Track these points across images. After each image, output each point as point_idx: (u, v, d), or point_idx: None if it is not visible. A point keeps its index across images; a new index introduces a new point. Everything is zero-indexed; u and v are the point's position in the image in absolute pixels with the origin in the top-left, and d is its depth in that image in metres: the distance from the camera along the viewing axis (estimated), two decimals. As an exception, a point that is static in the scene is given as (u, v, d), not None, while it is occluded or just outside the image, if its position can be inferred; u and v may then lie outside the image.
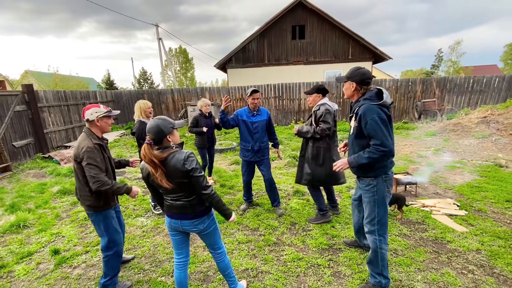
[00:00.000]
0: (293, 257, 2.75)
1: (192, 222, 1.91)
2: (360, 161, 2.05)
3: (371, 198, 2.16)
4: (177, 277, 2.09)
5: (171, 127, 1.81)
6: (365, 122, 1.99)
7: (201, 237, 2.03)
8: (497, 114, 8.44)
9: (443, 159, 6.04)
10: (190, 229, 1.95)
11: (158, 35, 19.79)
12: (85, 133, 2.19)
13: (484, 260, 2.61)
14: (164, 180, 1.73)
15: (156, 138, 1.75)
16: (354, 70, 2.14)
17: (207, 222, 1.96)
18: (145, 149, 1.71)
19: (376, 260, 2.20)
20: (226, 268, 2.13)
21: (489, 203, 3.80)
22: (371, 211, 2.18)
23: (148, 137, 1.75)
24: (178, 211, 1.89)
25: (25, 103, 7.19)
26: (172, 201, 1.89)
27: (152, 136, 1.74)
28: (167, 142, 1.80)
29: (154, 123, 1.76)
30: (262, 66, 15.28)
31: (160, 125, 1.76)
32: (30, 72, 27.47)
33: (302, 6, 14.34)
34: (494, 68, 37.61)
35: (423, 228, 3.21)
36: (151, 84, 34.14)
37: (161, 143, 1.78)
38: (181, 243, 2.06)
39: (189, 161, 1.75)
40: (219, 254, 2.09)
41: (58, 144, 8.50)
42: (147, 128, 1.77)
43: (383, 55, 14.37)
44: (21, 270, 2.74)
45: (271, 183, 3.68)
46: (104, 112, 2.21)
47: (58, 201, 4.57)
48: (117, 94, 12.53)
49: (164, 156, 1.73)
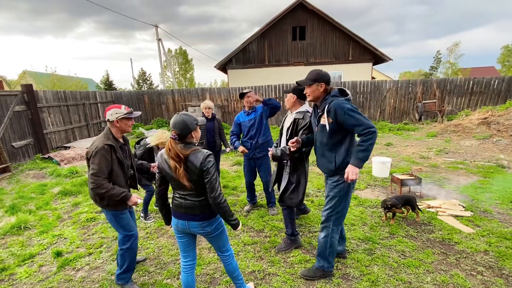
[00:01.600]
0: (300, 259, 2.72)
1: (200, 224, 1.87)
2: (364, 157, 2.03)
3: (338, 193, 2.27)
4: (184, 280, 2.04)
5: (196, 123, 1.82)
6: (343, 115, 2.04)
7: (209, 240, 2.00)
8: (497, 115, 8.47)
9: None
10: (198, 231, 1.91)
11: (158, 36, 19.75)
12: (104, 132, 2.23)
13: (493, 261, 2.59)
14: (185, 176, 1.73)
15: (182, 133, 1.75)
16: (318, 72, 2.22)
17: (215, 224, 1.92)
18: (171, 144, 1.72)
19: (326, 246, 2.37)
20: (234, 271, 2.09)
21: (494, 204, 3.79)
22: (335, 204, 2.29)
23: (173, 132, 1.75)
24: (186, 211, 1.85)
25: (25, 103, 7.13)
26: (181, 199, 1.86)
27: (177, 131, 1.74)
28: (191, 138, 1.82)
29: (180, 119, 1.76)
30: (263, 67, 15.27)
31: (186, 120, 1.76)
32: (28, 72, 27.32)
33: (302, 7, 14.36)
34: (491, 70, 37.83)
35: (430, 229, 3.19)
36: (150, 85, 34.05)
37: (185, 138, 1.79)
38: (188, 246, 2.02)
39: (207, 161, 1.74)
40: (226, 256, 2.05)
41: (58, 145, 8.43)
42: (172, 123, 1.77)
43: (383, 56, 14.41)
44: (23, 273, 2.69)
45: (268, 185, 3.70)
46: (124, 113, 2.20)
47: (59, 202, 4.51)
48: (117, 94, 12.47)
49: (188, 152, 1.74)
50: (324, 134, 2.21)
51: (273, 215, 3.66)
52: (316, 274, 2.44)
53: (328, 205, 2.33)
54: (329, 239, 2.36)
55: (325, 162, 2.28)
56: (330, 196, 2.31)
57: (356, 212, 3.62)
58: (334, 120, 2.11)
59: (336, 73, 14.97)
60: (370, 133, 2.00)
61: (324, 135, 2.22)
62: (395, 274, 2.45)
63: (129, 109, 2.26)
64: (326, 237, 2.37)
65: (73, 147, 8.25)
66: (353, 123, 2.04)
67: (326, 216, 2.36)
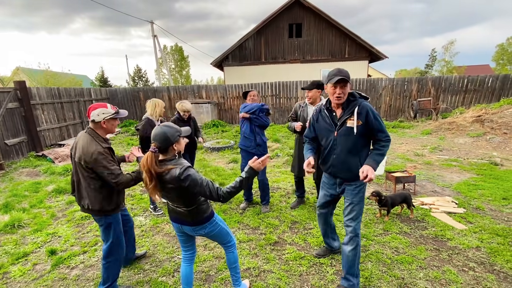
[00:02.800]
0: (295, 255, 2.74)
1: (193, 229, 1.90)
2: (380, 161, 2.03)
3: (361, 198, 2.19)
4: (184, 271, 2.08)
5: (178, 135, 1.73)
6: (373, 119, 2.02)
7: (208, 238, 2.04)
8: (491, 113, 8.57)
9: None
10: (192, 234, 1.96)
11: (153, 32, 19.56)
12: (90, 135, 2.03)
13: (484, 257, 2.64)
14: (154, 192, 1.68)
15: (162, 146, 1.68)
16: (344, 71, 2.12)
17: (209, 227, 1.93)
18: (148, 158, 1.63)
19: (355, 259, 2.17)
20: (235, 261, 2.13)
21: (487, 200, 3.85)
22: (360, 209, 2.19)
23: (153, 145, 1.66)
24: (178, 216, 1.89)
25: (18, 100, 7.02)
26: (172, 206, 1.89)
27: (157, 144, 1.66)
28: (173, 150, 1.73)
29: (160, 131, 1.68)
30: (259, 64, 15.23)
31: (167, 132, 1.68)
32: (21, 69, 26.89)
33: (299, 4, 14.31)
34: (486, 68, 38.19)
35: (423, 226, 3.23)
36: (146, 81, 33.79)
37: (166, 151, 1.71)
38: (188, 242, 2.07)
39: (184, 179, 1.64)
40: (229, 246, 2.10)
41: (52, 142, 8.34)
42: (153, 135, 1.69)
43: (379, 54, 14.45)
44: (17, 271, 2.67)
45: (263, 184, 3.74)
46: (111, 113, 2.07)
47: (53, 200, 4.48)
48: (112, 91, 12.34)
49: (161, 171, 1.66)
50: (350, 137, 2.05)
51: (266, 213, 3.68)
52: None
53: (353, 213, 2.17)
54: (358, 250, 2.17)
55: (347, 167, 2.13)
56: (355, 202, 2.17)
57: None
58: (364, 122, 2.01)
59: (332, 71, 14.97)
60: (389, 140, 2.06)
61: (350, 138, 2.06)
62: (389, 270, 2.49)
63: (115, 108, 2.13)
64: (354, 249, 2.15)
65: (67, 144, 8.17)
66: (379, 128, 2.03)
67: (353, 226, 2.16)
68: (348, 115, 2.06)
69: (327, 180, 2.40)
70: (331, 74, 2.05)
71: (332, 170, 2.23)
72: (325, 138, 2.21)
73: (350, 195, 2.21)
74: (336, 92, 2.02)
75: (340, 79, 1.96)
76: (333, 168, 2.22)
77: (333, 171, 2.23)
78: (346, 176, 2.19)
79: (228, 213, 3.73)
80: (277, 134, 9.07)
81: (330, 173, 2.29)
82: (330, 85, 2.04)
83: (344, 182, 2.24)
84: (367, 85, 11.13)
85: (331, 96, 2.09)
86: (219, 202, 1.79)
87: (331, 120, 2.15)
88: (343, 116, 2.09)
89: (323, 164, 2.32)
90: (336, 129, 2.12)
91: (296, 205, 3.84)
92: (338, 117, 2.13)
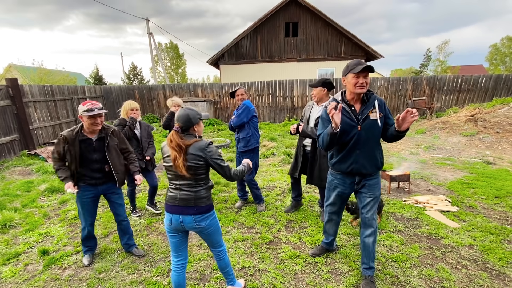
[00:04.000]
0: (290, 254, 2.74)
1: (195, 219, 1.85)
2: None
3: (380, 190, 2.25)
4: (175, 280, 2.01)
5: (199, 118, 1.91)
6: (388, 111, 2.12)
7: (202, 236, 1.98)
8: (484, 113, 8.68)
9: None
10: (192, 227, 1.88)
11: (149, 30, 19.38)
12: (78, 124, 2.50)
13: (477, 255, 2.67)
14: (184, 166, 1.78)
15: (184, 126, 1.85)
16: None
17: (210, 219, 1.91)
18: (173, 135, 1.82)
19: (374, 247, 2.26)
20: (226, 266, 2.10)
21: (479, 199, 3.90)
22: (378, 203, 2.26)
23: (176, 125, 1.85)
24: (180, 203, 1.85)
25: (9, 98, 6.90)
26: (176, 190, 1.88)
27: (180, 124, 1.84)
28: (193, 131, 1.91)
29: (184, 112, 1.86)
30: (255, 63, 15.19)
31: (190, 114, 1.86)
32: (14, 66, 26.42)
33: (295, 3, 14.29)
34: (480, 68, 38.65)
35: (417, 225, 3.25)
36: (141, 79, 33.50)
37: (187, 131, 1.88)
38: (180, 245, 1.99)
39: (209, 148, 1.83)
40: (219, 252, 2.05)
41: (45, 141, 8.21)
42: (177, 116, 1.87)
43: (375, 53, 14.51)
44: (8, 272, 2.62)
45: (251, 185, 3.70)
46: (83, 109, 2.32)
47: (46, 199, 4.41)
48: (106, 89, 12.20)
49: (190, 143, 1.82)
50: (375, 129, 2.06)
51: (262, 211, 3.67)
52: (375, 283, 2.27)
53: (374, 207, 2.22)
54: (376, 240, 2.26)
55: (373, 162, 2.14)
56: (377, 196, 2.21)
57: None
58: (384, 114, 2.06)
59: (328, 70, 15.02)
60: None
61: (375, 131, 2.06)
62: (383, 268, 2.50)
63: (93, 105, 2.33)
64: (375, 239, 2.24)
65: (61, 143, 8.05)
66: (392, 117, 2.12)
67: (375, 219, 2.23)
68: (370, 108, 2.06)
69: (341, 181, 2.30)
70: (351, 64, 2.02)
71: (354, 167, 2.15)
72: (346, 134, 2.10)
73: (372, 189, 2.21)
74: (359, 82, 1.99)
75: (365, 67, 1.93)
76: (355, 165, 2.15)
77: (355, 167, 2.15)
78: (370, 171, 2.15)
79: (224, 212, 3.72)
80: (273, 133, 9.07)
81: (350, 172, 2.20)
82: (351, 75, 2.00)
83: (363, 178, 2.21)
84: (362, 84, 11.16)
85: (353, 87, 2.01)
86: (230, 180, 1.96)
87: (353, 114, 2.09)
88: (365, 109, 2.07)
89: (342, 164, 2.21)
90: (359, 123, 2.07)
91: (291, 209, 3.64)
92: (358, 111, 2.09)
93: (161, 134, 9.63)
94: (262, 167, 5.68)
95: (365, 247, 2.27)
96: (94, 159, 2.49)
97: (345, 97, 2.15)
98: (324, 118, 2.21)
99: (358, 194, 2.30)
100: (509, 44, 35.89)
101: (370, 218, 2.22)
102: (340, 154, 2.20)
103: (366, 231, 2.25)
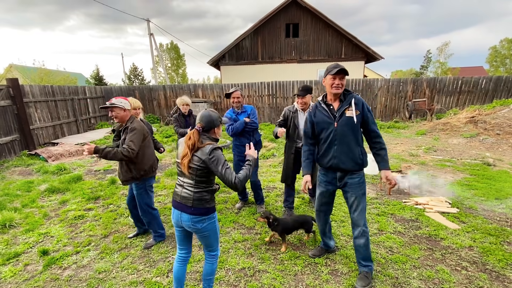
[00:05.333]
0: (290, 255, 2.74)
1: (191, 219, 1.87)
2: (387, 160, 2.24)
3: (364, 190, 2.29)
4: (176, 271, 2.08)
5: (220, 121, 1.97)
6: (367, 111, 2.19)
7: (198, 237, 1.99)
8: (484, 114, 8.68)
9: (433, 157, 6.15)
10: (188, 226, 1.90)
11: (150, 30, 19.40)
12: None
13: (477, 256, 2.67)
14: (187, 164, 1.83)
15: (206, 127, 1.89)
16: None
17: (207, 223, 1.91)
18: (194, 134, 1.85)
19: (368, 247, 2.31)
20: (211, 274, 2.09)
21: (479, 200, 3.90)
22: (364, 203, 2.28)
23: (198, 124, 1.88)
24: (180, 199, 1.90)
25: (10, 98, 6.92)
26: (179, 186, 1.95)
27: (202, 124, 1.88)
28: (213, 133, 1.95)
29: (207, 113, 1.91)
30: (256, 64, 15.22)
31: (212, 116, 1.91)
32: (14, 66, 26.47)
33: (296, 4, 14.33)
34: (480, 70, 38.69)
35: (417, 226, 3.25)
36: (142, 80, 33.53)
37: (208, 132, 1.92)
38: (184, 239, 2.06)
39: (212, 153, 1.81)
40: (212, 256, 2.06)
41: (46, 141, 8.23)
42: (199, 116, 1.90)
43: (375, 54, 14.54)
44: (8, 272, 2.63)
45: (255, 185, 3.70)
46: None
47: (46, 200, 4.41)
48: (107, 90, 12.21)
49: (201, 146, 1.84)
50: (351, 126, 2.16)
51: (260, 212, 3.65)
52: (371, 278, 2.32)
53: (360, 206, 2.25)
54: (368, 239, 2.29)
55: (351, 157, 2.20)
56: (360, 195, 2.25)
57: (345, 209, 3.66)
58: (361, 112, 2.16)
59: (329, 71, 15.02)
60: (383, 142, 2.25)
61: (350, 128, 2.16)
62: (383, 269, 2.50)
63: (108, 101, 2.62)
64: (366, 240, 2.27)
65: (61, 143, 8.07)
66: (372, 120, 2.21)
67: (362, 220, 2.26)
68: (346, 106, 2.18)
69: (324, 177, 2.40)
70: (330, 67, 2.18)
71: (333, 162, 2.25)
72: (325, 130, 2.26)
73: (354, 188, 2.26)
74: (335, 83, 2.13)
75: (339, 70, 2.09)
76: (334, 160, 2.24)
77: (334, 163, 2.25)
78: (348, 166, 2.23)
79: (224, 213, 3.72)
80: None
81: (330, 167, 2.29)
82: (329, 77, 2.15)
83: (345, 175, 2.27)
84: (363, 86, 11.19)
85: (330, 88, 2.17)
86: (234, 189, 1.87)
87: (330, 112, 2.24)
88: (341, 107, 2.19)
89: (322, 159, 2.33)
90: (336, 120, 2.20)
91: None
92: (336, 109, 2.22)
93: (161, 135, 9.64)
94: (262, 168, 5.68)
95: (357, 249, 2.35)
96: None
97: (325, 98, 2.32)
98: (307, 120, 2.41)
99: (343, 193, 2.37)
100: (509, 46, 35.93)
101: (356, 219, 2.29)
102: (321, 149, 2.34)
103: (355, 232, 2.32)
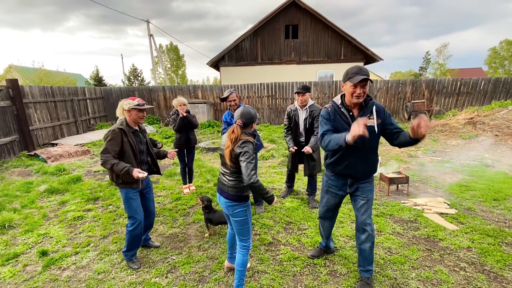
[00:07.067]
0: (289, 256, 2.75)
1: (225, 202, 2.13)
2: None
3: (373, 193, 2.28)
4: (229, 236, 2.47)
5: (257, 117, 2.15)
6: (388, 116, 2.11)
7: (232, 222, 2.19)
8: (483, 116, 8.70)
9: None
10: (224, 207, 2.16)
11: (149, 31, 19.44)
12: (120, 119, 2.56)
13: (475, 257, 2.68)
14: (229, 156, 1.99)
15: (246, 122, 2.04)
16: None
17: (237, 210, 2.10)
18: (237, 128, 2.00)
19: (372, 251, 2.26)
20: (242, 264, 2.19)
21: (478, 201, 3.91)
22: (371, 206, 2.28)
23: (240, 120, 2.03)
24: (220, 186, 2.17)
25: (10, 99, 6.92)
26: (221, 175, 2.19)
27: (243, 120, 2.03)
28: (250, 128, 2.11)
29: (247, 110, 2.07)
30: (255, 65, 15.25)
31: (251, 112, 2.08)
32: (14, 67, 26.48)
33: (295, 6, 14.38)
34: (479, 71, 38.80)
35: (416, 227, 3.26)
36: (142, 81, 33.52)
37: (246, 127, 2.07)
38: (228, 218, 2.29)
39: (243, 145, 1.95)
40: (243, 246, 2.19)
41: (45, 142, 8.23)
42: (239, 113, 2.05)
43: (374, 56, 14.58)
44: (7, 273, 2.63)
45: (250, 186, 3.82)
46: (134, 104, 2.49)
47: (45, 200, 4.41)
48: (106, 90, 12.22)
49: (243, 139, 1.99)
50: (371, 136, 2.00)
51: (260, 213, 3.68)
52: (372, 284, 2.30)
53: (369, 210, 2.23)
54: (374, 243, 2.26)
55: (367, 165, 2.16)
56: (370, 198, 2.22)
57: (344, 210, 3.67)
58: (382, 120, 2.06)
59: (328, 72, 15.08)
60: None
61: (371, 137, 1.99)
62: (381, 270, 2.51)
63: (141, 101, 2.54)
64: (372, 243, 2.23)
65: (60, 144, 8.07)
66: (394, 122, 2.10)
67: (371, 222, 2.22)
68: (368, 114, 2.06)
69: (335, 182, 2.34)
70: (351, 72, 1.98)
71: (348, 171, 2.19)
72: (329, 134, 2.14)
73: (365, 192, 2.23)
74: (356, 92, 1.97)
75: (363, 79, 1.90)
76: (349, 169, 2.17)
77: (348, 172, 2.19)
78: (363, 175, 2.19)
79: (223, 214, 3.73)
80: (272, 135, 9.08)
81: (342, 174, 2.24)
82: (350, 84, 1.98)
83: (357, 181, 2.23)
84: (362, 87, 11.21)
85: (350, 96, 2.02)
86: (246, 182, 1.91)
87: (351, 119, 2.08)
88: (363, 115, 2.05)
89: (335, 166, 2.25)
90: None
91: (286, 194, 4.28)
92: (356, 116, 2.09)
93: (161, 135, 9.64)
94: (261, 169, 5.69)
95: (362, 252, 2.28)
96: (142, 150, 2.64)
97: (344, 101, 2.13)
98: (324, 118, 2.19)
99: (352, 197, 2.32)
100: (508, 47, 36.05)
101: (365, 222, 2.21)
102: (336, 156, 2.21)
103: (362, 236, 2.24)
